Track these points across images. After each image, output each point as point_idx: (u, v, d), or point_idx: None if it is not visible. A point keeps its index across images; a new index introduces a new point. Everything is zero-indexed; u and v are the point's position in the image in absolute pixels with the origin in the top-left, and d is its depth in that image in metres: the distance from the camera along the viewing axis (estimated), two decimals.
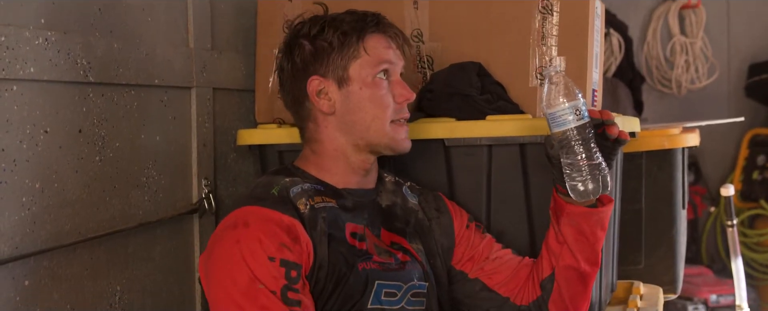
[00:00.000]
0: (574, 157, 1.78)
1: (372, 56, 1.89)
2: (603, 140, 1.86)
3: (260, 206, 1.79)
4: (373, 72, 1.89)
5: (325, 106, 1.90)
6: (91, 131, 1.95)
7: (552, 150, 1.83)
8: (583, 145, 1.78)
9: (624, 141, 1.88)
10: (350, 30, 1.89)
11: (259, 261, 1.72)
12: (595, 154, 1.79)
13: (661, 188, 2.88)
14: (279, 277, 1.72)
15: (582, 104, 1.78)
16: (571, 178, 1.79)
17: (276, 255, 1.73)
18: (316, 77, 1.90)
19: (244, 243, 1.73)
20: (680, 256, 2.93)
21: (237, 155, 2.50)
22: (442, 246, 2.01)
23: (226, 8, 2.45)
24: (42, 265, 1.82)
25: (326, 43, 1.89)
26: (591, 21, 2.17)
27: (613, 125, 1.86)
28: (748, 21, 5.17)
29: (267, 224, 1.76)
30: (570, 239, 1.93)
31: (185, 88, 2.27)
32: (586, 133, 1.78)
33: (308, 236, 1.78)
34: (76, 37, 1.88)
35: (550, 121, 1.80)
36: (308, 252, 1.77)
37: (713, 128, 3.77)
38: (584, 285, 1.97)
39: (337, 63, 1.89)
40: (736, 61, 5.18)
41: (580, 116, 1.78)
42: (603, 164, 1.80)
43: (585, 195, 1.80)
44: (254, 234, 1.74)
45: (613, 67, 4.65)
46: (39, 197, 1.81)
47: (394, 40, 1.94)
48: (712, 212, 5.03)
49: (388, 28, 1.94)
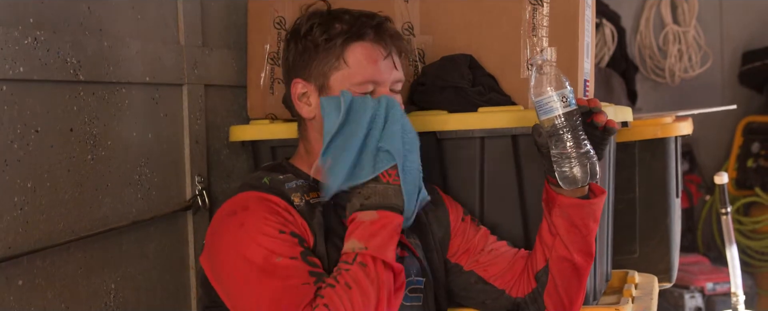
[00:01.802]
0: (562, 144, 1.79)
1: (353, 70, 1.85)
2: (592, 128, 1.86)
3: (255, 191, 1.80)
4: (353, 89, 1.84)
5: (305, 110, 1.89)
6: (82, 129, 1.95)
7: (540, 138, 1.83)
8: (571, 132, 1.79)
9: (613, 130, 1.88)
10: (337, 35, 1.85)
11: (270, 237, 1.72)
12: (584, 142, 1.80)
13: (655, 177, 2.88)
14: (294, 245, 1.73)
15: (569, 92, 1.79)
16: (559, 165, 1.80)
17: (285, 228, 1.74)
18: (300, 81, 1.89)
19: (250, 223, 1.74)
20: (675, 245, 2.93)
21: (230, 151, 2.50)
22: (439, 238, 2.01)
23: (216, 5, 2.44)
24: (35, 265, 1.82)
25: (312, 45, 1.86)
26: (581, 11, 2.17)
27: (601, 113, 1.86)
28: (740, 9, 5.17)
29: (266, 203, 1.77)
30: (562, 231, 1.92)
31: (177, 85, 2.27)
32: (573, 120, 1.79)
33: (306, 223, 1.79)
34: (66, 36, 1.88)
35: (537, 109, 1.81)
36: (307, 232, 1.78)
37: (708, 116, 3.76)
38: (578, 277, 1.97)
39: (319, 70, 1.86)
40: (729, 49, 5.18)
41: (567, 104, 1.79)
42: (591, 152, 1.81)
43: (573, 183, 1.81)
44: (257, 214, 1.75)
45: (606, 58, 4.64)
46: (31, 196, 1.80)
47: (386, 50, 1.87)
48: (708, 201, 5.03)
49: (383, 35, 1.87)
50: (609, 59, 4.67)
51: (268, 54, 2.31)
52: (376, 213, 1.75)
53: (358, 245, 1.72)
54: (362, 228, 1.74)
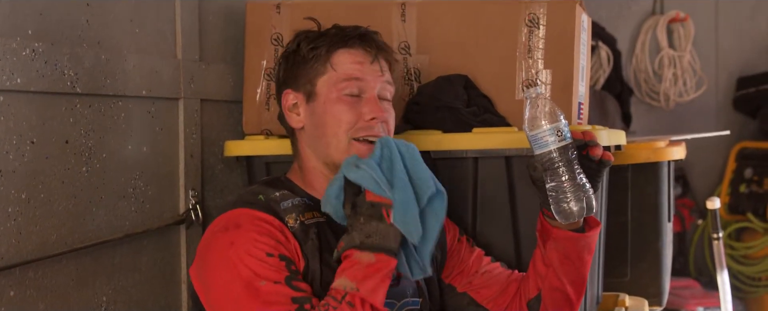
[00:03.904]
0: (558, 179, 1.77)
1: (339, 73, 1.87)
2: (588, 161, 1.83)
3: (249, 209, 1.80)
4: (338, 89, 1.86)
5: (295, 120, 1.91)
6: (78, 141, 1.95)
7: (535, 173, 1.82)
8: (566, 166, 1.77)
9: (608, 163, 1.85)
10: (322, 44, 1.88)
11: (257, 259, 1.72)
12: (579, 175, 1.78)
13: (647, 200, 2.89)
14: (281, 269, 1.72)
15: (564, 126, 1.77)
16: (555, 200, 1.79)
17: (274, 251, 1.73)
18: (290, 91, 1.91)
19: (239, 243, 1.73)
20: (666, 268, 2.94)
21: (224, 166, 2.50)
22: (435, 259, 2.01)
23: (214, 19, 2.45)
24: (27, 276, 1.82)
25: (299, 58, 1.90)
26: (577, 34, 2.19)
27: (597, 146, 1.83)
28: (735, 35, 5.20)
29: (259, 223, 1.77)
30: (556, 262, 1.92)
31: (173, 99, 2.27)
32: (569, 154, 1.77)
33: (298, 245, 1.78)
34: (64, 48, 1.88)
35: (532, 143, 1.79)
36: (298, 255, 1.78)
37: (701, 141, 3.77)
38: (570, 307, 1.97)
39: (306, 78, 1.89)
40: (724, 75, 5.21)
41: (562, 138, 1.77)
42: (587, 186, 1.79)
43: (570, 217, 1.79)
44: (248, 234, 1.74)
45: (601, 80, 4.66)
46: (25, 207, 1.81)
47: (369, 56, 1.89)
48: (700, 225, 5.04)
49: (369, 42, 1.90)
50: (604, 82, 4.68)
51: (265, 70, 2.32)
52: (373, 256, 1.70)
53: (349, 284, 1.69)
54: (356, 269, 1.70)
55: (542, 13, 2.17)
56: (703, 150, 4.74)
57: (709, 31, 5.19)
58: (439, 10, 2.24)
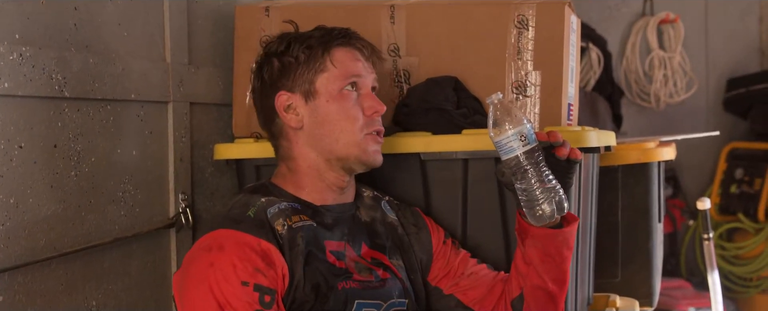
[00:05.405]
0: (527, 182, 1.77)
1: (339, 69, 1.90)
2: (556, 161, 1.83)
3: (236, 230, 1.79)
4: (339, 85, 1.89)
5: (293, 121, 1.91)
6: (66, 146, 1.95)
7: (504, 178, 1.82)
8: (533, 169, 1.77)
9: (577, 160, 1.85)
10: (316, 44, 1.91)
11: (232, 286, 1.72)
12: (547, 176, 1.78)
13: (638, 201, 2.89)
14: (252, 302, 1.72)
15: (527, 129, 1.76)
16: (526, 203, 1.79)
17: (250, 279, 1.73)
18: (284, 92, 1.91)
19: (218, 266, 1.73)
20: (657, 269, 2.94)
21: (214, 169, 2.50)
22: (421, 261, 2.01)
23: (203, 23, 2.45)
24: (16, 281, 1.81)
25: (293, 58, 1.91)
26: (566, 35, 2.19)
27: (562, 146, 1.82)
28: (725, 36, 5.21)
29: (242, 248, 1.76)
30: (536, 260, 1.92)
31: (162, 102, 2.27)
32: (535, 157, 1.77)
33: (284, 260, 1.78)
34: (51, 53, 1.88)
35: (498, 149, 1.79)
36: (283, 275, 1.78)
37: (692, 141, 3.78)
38: (554, 304, 1.96)
39: (304, 77, 1.90)
40: (714, 76, 5.22)
41: (526, 142, 1.76)
42: (557, 187, 1.78)
43: (542, 219, 1.79)
44: (228, 258, 1.74)
45: (592, 81, 4.67)
46: (13, 212, 1.80)
47: (362, 53, 1.95)
48: (691, 226, 5.05)
49: (356, 41, 1.94)
50: (595, 83, 4.69)
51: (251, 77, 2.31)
52: None
53: None
54: None
55: (531, 14, 2.18)
56: (693, 151, 4.75)
57: (699, 33, 5.20)
58: (428, 12, 2.24)
